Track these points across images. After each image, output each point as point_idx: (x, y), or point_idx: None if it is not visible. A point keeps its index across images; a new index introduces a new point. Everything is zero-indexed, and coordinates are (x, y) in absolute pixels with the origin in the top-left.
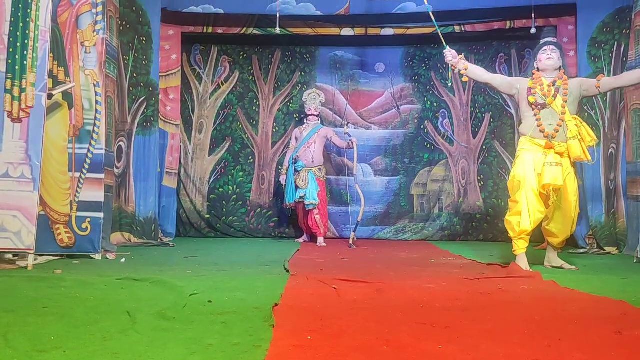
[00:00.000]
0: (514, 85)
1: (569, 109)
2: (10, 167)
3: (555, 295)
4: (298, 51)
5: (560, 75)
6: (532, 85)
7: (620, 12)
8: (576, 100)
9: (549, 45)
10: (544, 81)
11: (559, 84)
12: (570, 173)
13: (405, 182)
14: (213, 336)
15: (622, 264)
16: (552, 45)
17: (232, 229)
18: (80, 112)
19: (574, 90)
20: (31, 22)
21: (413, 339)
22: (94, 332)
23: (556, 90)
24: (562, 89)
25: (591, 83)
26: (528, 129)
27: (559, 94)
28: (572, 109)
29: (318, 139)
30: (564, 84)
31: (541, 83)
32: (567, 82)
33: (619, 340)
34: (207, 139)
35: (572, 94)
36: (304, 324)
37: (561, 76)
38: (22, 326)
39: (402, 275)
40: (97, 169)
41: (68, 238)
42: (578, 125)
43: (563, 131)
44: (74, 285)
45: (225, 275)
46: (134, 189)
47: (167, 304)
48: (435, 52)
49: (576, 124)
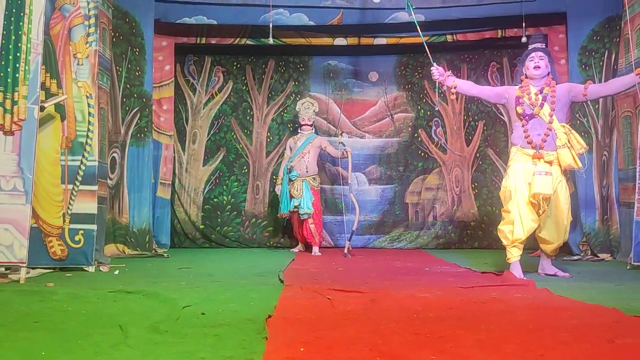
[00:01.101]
0: (503, 95)
1: (558, 116)
2: (3, 180)
3: (549, 303)
4: (291, 61)
5: (548, 81)
6: (520, 94)
7: (610, 21)
8: (565, 107)
9: (536, 52)
10: (531, 89)
11: (547, 91)
12: (562, 181)
13: (400, 191)
14: (205, 349)
15: (615, 270)
16: (540, 51)
17: (227, 239)
18: (72, 124)
19: (562, 97)
20: (23, 34)
21: (407, 350)
22: (86, 347)
23: (543, 98)
24: (549, 97)
25: (579, 89)
26: (518, 139)
27: (547, 102)
28: (561, 115)
29: (312, 148)
30: (551, 91)
31: (529, 91)
32: (555, 89)
33: (612, 348)
34: (201, 149)
35: (560, 101)
36: (298, 335)
37: (549, 82)
38: (12, 341)
39: (396, 284)
40: (90, 181)
41: (61, 250)
42: (567, 132)
43: (552, 139)
44: (66, 298)
45: (219, 286)
46: (128, 200)
47: (160, 316)
48: (428, 61)
49: (565, 132)
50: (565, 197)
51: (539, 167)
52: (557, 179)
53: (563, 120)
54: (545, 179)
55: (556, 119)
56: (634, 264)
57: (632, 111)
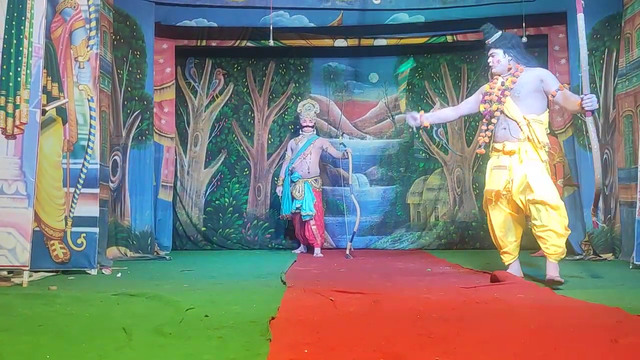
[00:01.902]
0: (479, 98)
1: (524, 103)
2: (5, 184)
3: (551, 303)
4: (292, 63)
5: (513, 71)
6: (489, 90)
7: (611, 20)
8: (536, 93)
9: (488, 51)
10: (498, 83)
11: (508, 82)
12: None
13: (401, 191)
14: (210, 351)
15: (617, 270)
16: (491, 48)
17: (229, 241)
18: (74, 127)
19: (528, 84)
20: (25, 38)
21: (410, 350)
22: (90, 350)
23: (504, 91)
24: (508, 88)
25: (551, 87)
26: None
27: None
28: (531, 102)
29: (314, 149)
30: (512, 82)
31: (493, 86)
32: (517, 79)
33: (615, 348)
34: (202, 151)
35: (525, 87)
36: (301, 337)
37: (513, 72)
38: (16, 345)
39: (398, 285)
40: (92, 184)
41: (63, 254)
42: (528, 125)
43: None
44: (69, 301)
45: (222, 288)
46: (130, 203)
47: (164, 319)
48: (428, 62)
49: (527, 123)
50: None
51: (499, 161)
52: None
53: (537, 108)
54: (499, 172)
55: (517, 111)
56: (636, 264)
57: (633, 110)
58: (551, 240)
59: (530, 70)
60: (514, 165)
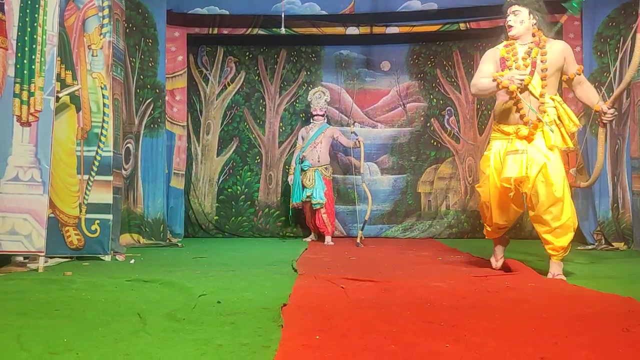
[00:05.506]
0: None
1: (549, 81)
2: (20, 171)
3: (563, 292)
4: (303, 50)
5: (537, 40)
6: (506, 56)
7: (627, 7)
8: (559, 72)
9: (510, 7)
10: (518, 49)
11: (535, 53)
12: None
13: (412, 180)
14: (222, 337)
15: (630, 259)
16: (514, 5)
17: (240, 229)
18: (88, 115)
19: (556, 61)
20: (39, 26)
21: (420, 338)
22: (106, 334)
23: (533, 64)
24: (539, 62)
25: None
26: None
27: (536, 69)
28: (552, 81)
29: (324, 138)
30: (541, 54)
31: (515, 53)
32: (546, 51)
33: (627, 337)
34: (214, 139)
35: (553, 65)
36: (312, 323)
37: (538, 42)
38: (34, 329)
39: (409, 273)
40: (106, 171)
41: (77, 240)
42: (557, 107)
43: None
44: (84, 287)
45: (234, 275)
46: (142, 191)
47: (177, 305)
48: (440, 50)
49: (555, 106)
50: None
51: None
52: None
53: (554, 89)
54: (516, 158)
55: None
56: None
57: None
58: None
59: (553, 43)
60: (529, 150)
